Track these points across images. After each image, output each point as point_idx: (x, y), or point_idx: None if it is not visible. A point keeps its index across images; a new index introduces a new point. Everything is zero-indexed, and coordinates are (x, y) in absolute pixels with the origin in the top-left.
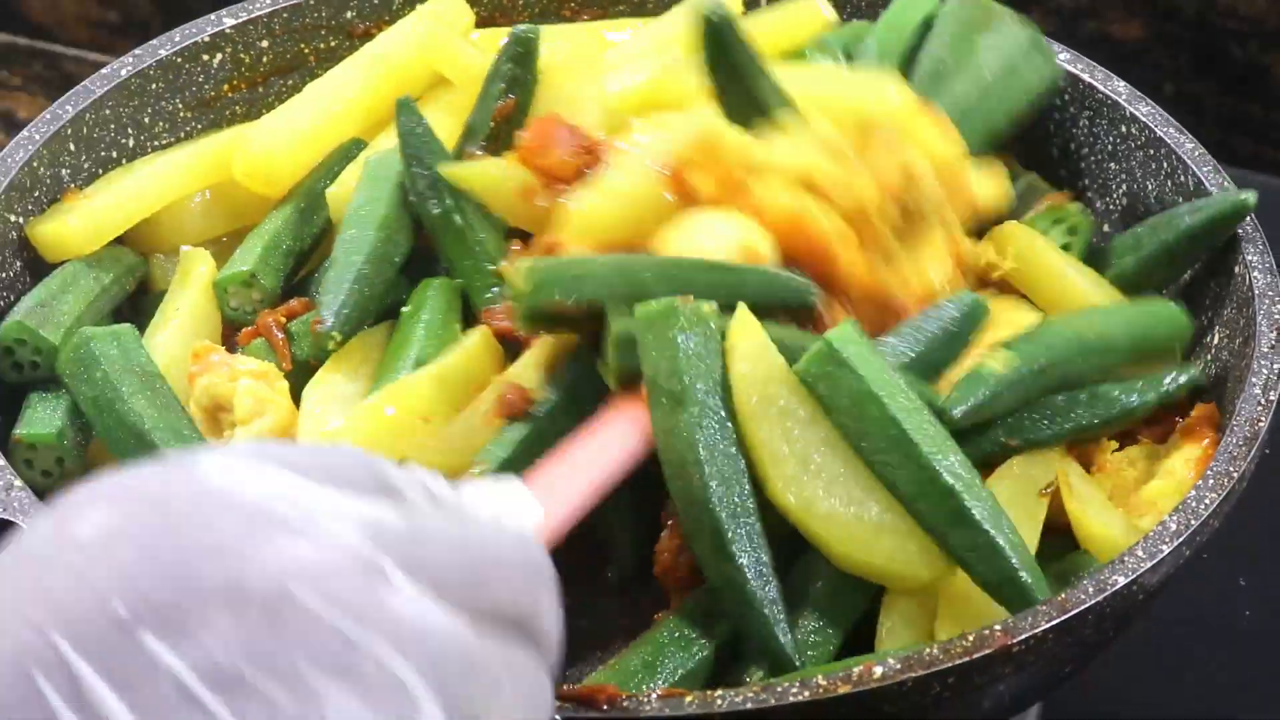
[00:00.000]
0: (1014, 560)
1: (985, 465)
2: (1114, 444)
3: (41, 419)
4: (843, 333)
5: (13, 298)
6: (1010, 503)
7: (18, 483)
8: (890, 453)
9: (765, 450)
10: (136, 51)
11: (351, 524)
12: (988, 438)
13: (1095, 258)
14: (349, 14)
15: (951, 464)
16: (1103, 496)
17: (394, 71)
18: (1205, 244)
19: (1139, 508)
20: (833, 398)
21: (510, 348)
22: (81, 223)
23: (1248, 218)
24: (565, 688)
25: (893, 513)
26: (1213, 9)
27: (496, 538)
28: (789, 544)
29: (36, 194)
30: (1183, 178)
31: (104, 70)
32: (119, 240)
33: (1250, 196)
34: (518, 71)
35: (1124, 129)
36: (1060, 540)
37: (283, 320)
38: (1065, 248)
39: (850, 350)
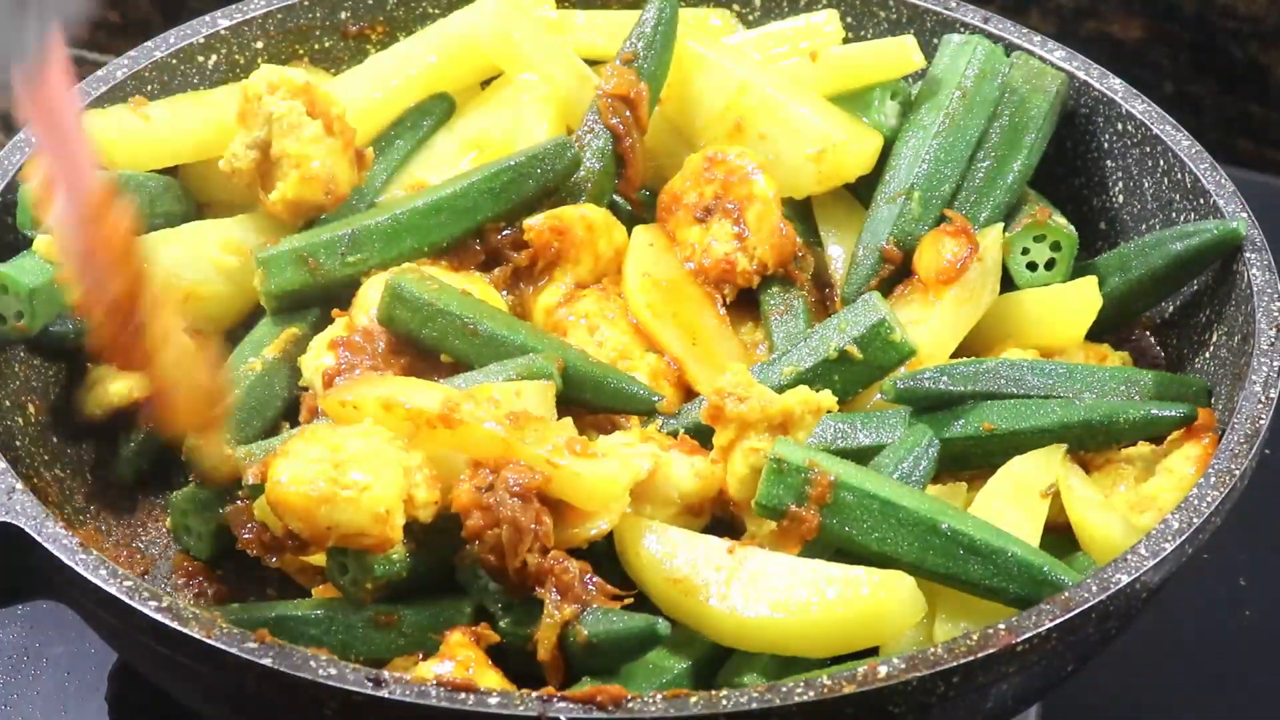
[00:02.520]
0: (1041, 565)
1: (974, 455)
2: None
3: (28, 269)
4: (785, 445)
5: None
6: (1012, 503)
7: (19, 486)
8: (880, 527)
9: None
10: (132, 53)
11: None
12: (967, 420)
13: (1084, 274)
14: (343, 15)
15: (941, 509)
16: (1102, 499)
17: (458, 52)
18: (1193, 272)
19: (1140, 504)
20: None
21: None
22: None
23: (1247, 219)
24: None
25: (839, 571)
26: (1213, 9)
27: None
28: None
29: None
30: (1179, 175)
31: (100, 72)
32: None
33: (1241, 226)
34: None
35: (1120, 126)
36: (1061, 540)
37: None
38: (1049, 265)
39: (797, 455)
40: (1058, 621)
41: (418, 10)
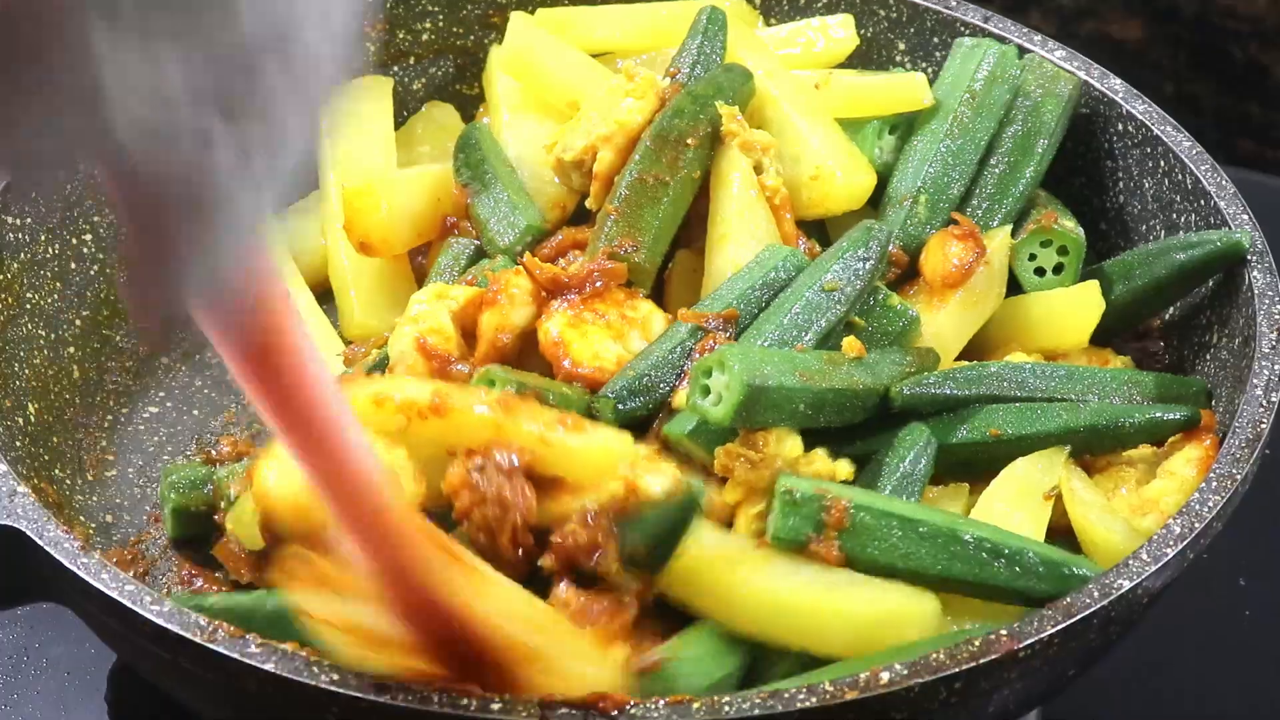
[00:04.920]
0: (1063, 561)
1: (979, 461)
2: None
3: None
4: (789, 478)
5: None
6: (1015, 506)
7: (20, 489)
8: (903, 543)
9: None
10: None
11: None
12: (972, 426)
13: (1089, 279)
14: None
15: (955, 519)
16: (1104, 501)
17: None
18: (1197, 281)
19: (1142, 507)
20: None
21: None
22: None
23: (1248, 221)
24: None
25: (864, 582)
26: (1213, 9)
27: None
28: None
29: (33, 195)
30: (1180, 175)
31: None
32: None
33: (1245, 238)
34: None
35: (1121, 126)
36: (1062, 543)
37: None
38: (1057, 269)
39: (806, 484)
40: (1060, 627)
41: (417, 8)
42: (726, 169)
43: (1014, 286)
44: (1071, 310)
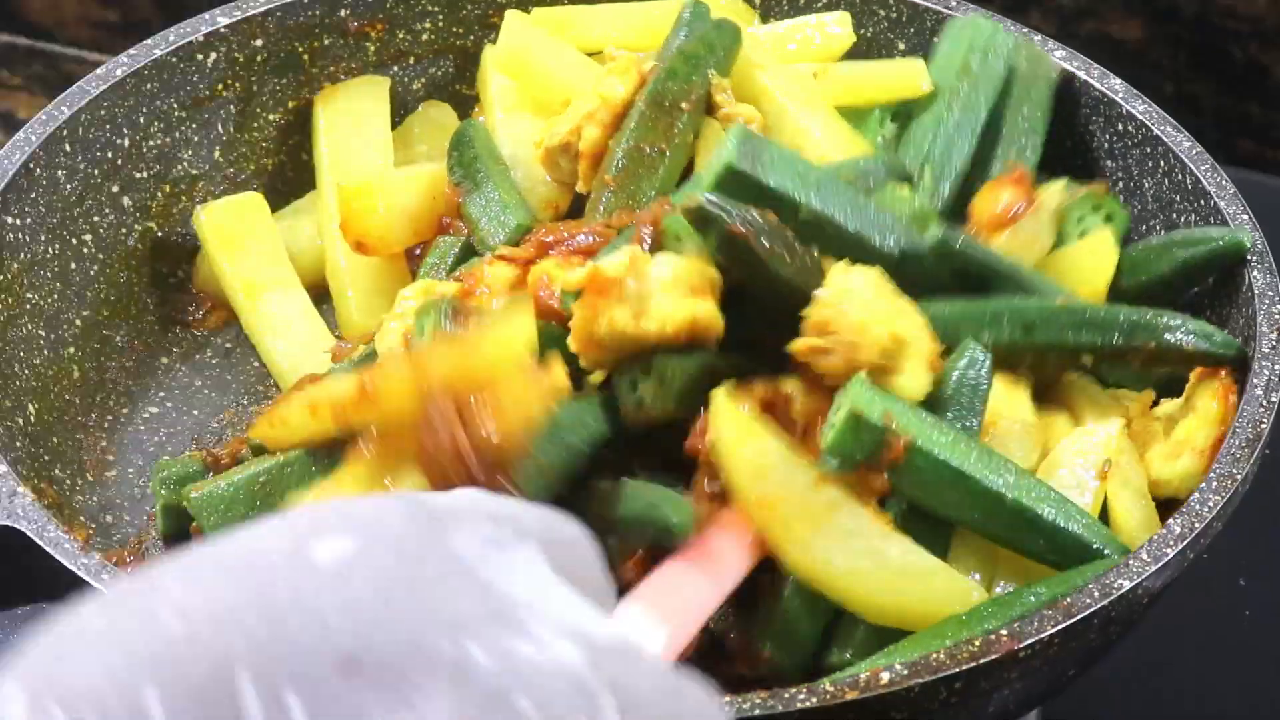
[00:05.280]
0: (1101, 547)
1: (1020, 346)
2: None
3: None
4: (862, 395)
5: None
6: (1069, 484)
7: (20, 489)
8: (947, 494)
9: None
10: (132, 51)
11: (579, 648)
12: (1011, 302)
13: None
14: (343, 12)
15: (1010, 479)
16: (1143, 484)
17: None
18: (1197, 280)
19: (1174, 451)
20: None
21: None
22: None
23: (1248, 221)
24: None
25: (914, 554)
26: (1213, 9)
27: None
28: None
29: (33, 195)
30: (1180, 176)
31: (99, 70)
32: None
33: (1246, 238)
34: None
35: (1120, 126)
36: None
37: None
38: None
39: (876, 411)
40: (1060, 627)
41: (417, 8)
42: (709, 137)
43: None
44: (1088, 257)
